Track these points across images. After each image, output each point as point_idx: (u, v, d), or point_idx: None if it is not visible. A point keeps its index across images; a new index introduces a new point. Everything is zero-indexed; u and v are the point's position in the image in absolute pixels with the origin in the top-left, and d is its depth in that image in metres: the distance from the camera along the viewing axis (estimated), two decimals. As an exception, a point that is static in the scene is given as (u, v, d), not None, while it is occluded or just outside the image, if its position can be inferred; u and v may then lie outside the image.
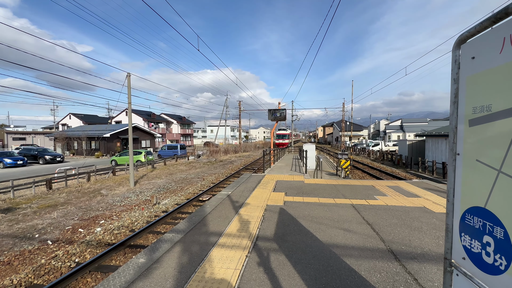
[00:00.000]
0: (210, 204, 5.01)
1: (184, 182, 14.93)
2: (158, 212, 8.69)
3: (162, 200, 10.59)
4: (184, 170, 20.58)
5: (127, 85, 14.06)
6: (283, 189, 6.40)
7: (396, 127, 58.81)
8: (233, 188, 6.60)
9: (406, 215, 4.24)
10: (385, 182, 7.38)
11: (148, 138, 41.44)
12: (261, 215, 4.25)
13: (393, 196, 5.59)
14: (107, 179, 15.71)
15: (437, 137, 18.81)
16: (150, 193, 11.84)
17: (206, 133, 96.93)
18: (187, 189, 12.71)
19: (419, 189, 6.42)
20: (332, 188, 6.58)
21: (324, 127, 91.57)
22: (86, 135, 32.74)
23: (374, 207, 4.76)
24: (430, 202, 5.10)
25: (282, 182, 7.39)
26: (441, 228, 3.62)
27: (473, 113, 1.32)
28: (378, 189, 6.37)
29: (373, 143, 39.00)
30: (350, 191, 6.20)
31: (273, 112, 14.87)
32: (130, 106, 14.07)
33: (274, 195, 5.72)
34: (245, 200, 5.31)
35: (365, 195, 5.72)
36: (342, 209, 4.61)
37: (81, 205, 9.88)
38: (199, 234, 3.45)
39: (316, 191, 6.22)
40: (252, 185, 6.97)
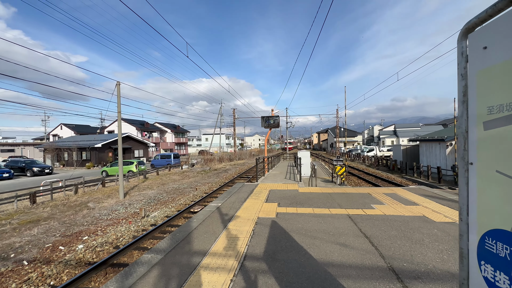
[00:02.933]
0: (197, 218, 4.67)
1: (176, 192, 14.48)
2: (146, 225, 8.27)
3: (151, 212, 10.15)
4: (177, 179, 20.10)
5: (117, 94, 13.75)
6: (276, 199, 6.10)
7: (389, 132, 59.37)
8: (223, 199, 6.27)
9: (406, 226, 3.99)
10: (382, 189, 7.14)
11: (141, 148, 40.78)
12: (251, 230, 3.94)
13: (390, 205, 5.34)
14: (96, 191, 15.15)
15: (431, 142, 18.84)
16: (139, 205, 11.38)
17: (201, 142, 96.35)
18: (179, 200, 12.28)
19: (417, 196, 6.19)
20: (327, 197, 6.31)
21: (319, 134, 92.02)
22: (77, 146, 32.01)
23: (371, 217, 4.50)
24: (429, 210, 4.87)
25: (275, 192, 7.09)
26: (443, 241, 3.37)
27: (489, 113, 1.08)
28: (375, 197, 6.12)
29: (368, 148, 39.12)
30: (345, 199, 5.93)
31: (267, 119, 14.69)
32: (120, 115, 13.72)
33: (266, 206, 5.42)
34: (236, 212, 4.99)
35: (362, 204, 5.46)
36: (338, 221, 4.33)
37: (65, 219, 9.38)
38: (181, 254, 3.12)
39: (311, 200, 5.94)
40: (244, 196, 6.65)
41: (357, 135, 69.93)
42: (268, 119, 15.05)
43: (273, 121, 15.06)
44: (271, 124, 14.96)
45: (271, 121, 15.09)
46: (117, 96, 13.77)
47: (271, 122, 15.11)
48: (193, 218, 4.66)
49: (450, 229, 3.82)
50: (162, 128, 56.67)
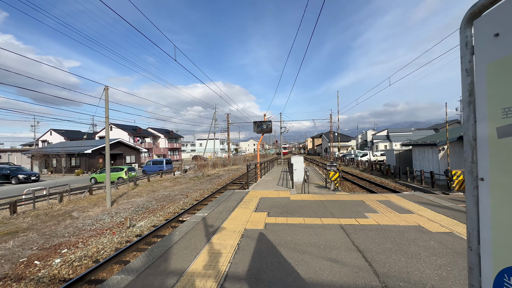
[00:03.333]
0: (180, 230, 4.35)
1: (166, 200, 14.04)
2: (131, 236, 7.86)
3: (138, 221, 9.71)
4: (168, 186, 19.61)
5: (105, 98, 13.37)
6: (266, 208, 5.82)
7: (382, 137, 59.92)
8: (211, 208, 5.95)
9: (401, 237, 3.75)
10: (375, 196, 6.94)
11: (133, 153, 40.03)
12: (236, 244, 3.64)
13: (384, 213, 5.12)
14: (82, 199, 14.58)
15: (423, 146, 18.89)
16: (126, 214, 10.92)
17: (195, 147, 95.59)
18: (168, 208, 11.86)
19: (411, 203, 6.00)
20: (319, 205, 6.06)
21: (313, 139, 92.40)
22: (66, 152, 31.18)
23: (364, 227, 4.26)
24: (424, 219, 4.66)
25: (266, 200, 6.81)
26: (441, 254, 3.14)
27: (504, 117, 0.84)
28: (368, 205, 5.90)
29: (361, 153, 39.26)
30: (338, 208, 5.69)
31: (259, 125, 14.46)
32: (108, 120, 13.33)
33: (255, 216, 5.13)
34: (222, 223, 4.69)
35: (355, 213, 5.22)
36: (329, 232, 4.07)
37: (46, 230, 8.88)
38: (155, 274, 2.80)
39: (302, 209, 5.67)
40: (232, 204, 6.34)
41: (351, 140, 70.40)
42: (260, 124, 14.82)
43: (265, 126, 14.83)
44: (263, 129, 14.72)
45: (263, 126, 14.86)
46: (105, 100, 13.39)
47: (263, 127, 14.87)
48: (176, 230, 4.33)
49: (447, 240, 3.60)
50: (155, 133, 55.94)
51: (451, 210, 5.26)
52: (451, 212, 5.13)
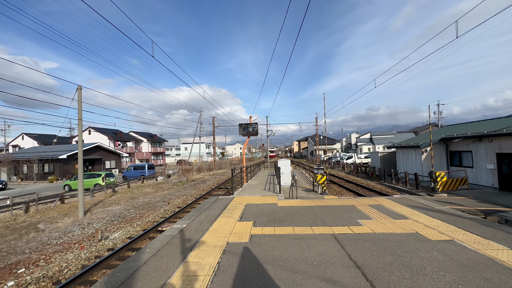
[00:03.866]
0: (152, 246, 3.74)
1: (146, 207, 13.16)
2: (102, 251, 7.06)
3: (112, 233, 8.87)
4: (150, 192, 18.60)
5: (78, 99, 12.39)
6: (251, 217, 5.31)
7: (366, 140, 61.32)
8: (191, 218, 5.36)
9: (401, 248, 3.38)
10: (366, 200, 6.63)
11: (113, 158, 38.15)
12: (216, 263, 3.11)
13: (378, 219, 4.78)
14: (52, 209, 13.36)
15: (407, 148, 19.19)
16: (100, 225, 10.00)
17: (180, 151, 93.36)
18: (147, 216, 11.04)
19: (403, 207, 5.73)
20: (308, 211, 5.64)
21: (299, 142, 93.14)
22: (38, 157, 29.08)
23: (360, 237, 3.87)
24: (421, 225, 4.35)
25: (251, 207, 6.30)
26: (448, 268, 2.78)
27: None
28: (360, 210, 5.56)
29: (347, 156, 39.75)
30: (329, 214, 5.30)
31: (245, 127, 13.95)
32: (81, 122, 12.33)
33: (239, 227, 4.61)
34: (201, 236, 4.13)
35: (347, 220, 4.84)
36: (322, 244, 3.64)
37: (3, 246, 7.86)
38: (111, 310, 2.22)
39: (291, 216, 5.22)
40: (215, 213, 5.78)
41: (336, 143, 71.52)
42: (246, 126, 14.30)
43: (252, 129, 14.33)
44: (250, 132, 14.22)
45: (249, 129, 14.35)
46: (78, 101, 12.41)
47: (249, 130, 14.37)
48: (146, 247, 3.72)
49: (450, 250, 3.28)
50: (137, 137, 53.91)
51: (445, 215, 5.02)
52: (446, 216, 4.88)
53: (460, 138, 15.16)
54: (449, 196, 12.73)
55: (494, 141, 13.26)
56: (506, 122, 14.38)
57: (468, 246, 3.35)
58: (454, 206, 10.57)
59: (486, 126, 15.28)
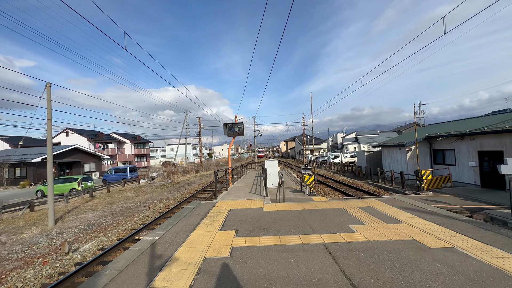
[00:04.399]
0: (113, 267, 3.16)
1: (125, 213, 12.31)
2: (68, 266, 6.32)
3: (83, 244, 8.06)
4: (131, 197, 17.62)
5: (47, 97, 11.38)
6: (234, 225, 4.82)
7: (351, 139, 62.38)
8: (166, 228, 4.79)
9: (399, 259, 3.02)
10: (356, 203, 6.31)
11: (93, 161, 36.35)
12: (188, 286, 2.60)
13: (371, 224, 4.43)
14: (19, 218, 12.22)
15: (392, 147, 19.36)
16: (71, 234, 9.14)
17: (165, 153, 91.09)
18: (125, 223, 10.25)
19: (395, 209, 5.44)
20: (296, 216, 5.22)
21: (287, 142, 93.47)
22: (9, 161, 27.06)
23: (353, 246, 3.48)
24: (416, 230, 4.04)
25: (235, 213, 5.80)
26: (456, 284, 2.43)
27: None
28: (351, 214, 5.21)
29: (333, 155, 40.06)
30: (318, 219, 4.90)
31: (230, 127, 13.39)
32: (50, 123, 11.33)
33: (220, 237, 4.10)
34: (175, 251, 3.59)
35: (338, 225, 4.46)
36: (312, 256, 3.21)
37: (-49, 265, 6.89)
38: None
39: (278, 223, 4.78)
40: (194, 221, 5.23)
41: (323, 143, 72.31)
42: (232, 126, 13.74)
43: (237, 129, 13.78)
44: (235, 132, 13.67)
45: (235, 128, 13.80)
46: (47, 100, 11.40)
47: (235, 130, 13.81)
48: (107, 267, 3.14)
49: (453, 260, 2.95)
50: (119, 138, 51.84)
51: (440, 217, 4.76)
52: (440, 219, 4.61)
53: (444, 136, 15.39)
54: (435, 194, 12.81)
55: (476, 139, 13.51)
56: (487, 120, 14.74)
57: (471, 255, 3.04)
58: (441, 204, 10.56)
59: (468, 124, 15.63)
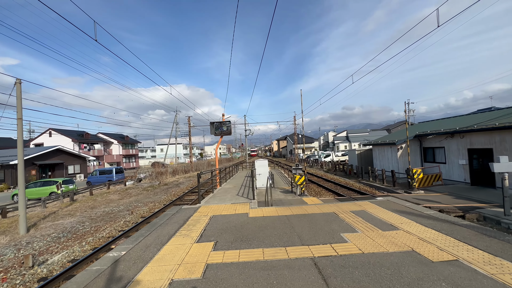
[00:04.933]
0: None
1: (105, 218, 11.57)
2: (30, 282, 5.65)
3: (54, 254, 7.36)
4: (115, 200, 16.80)
5: (17, 95, 10.52)
6: (214, 234, 4.30)
7: (342, 138, 62.73)
8: (137, 240, 4.23)
9: (400, 278, 2.59)
10: (348, 206, 5.90)
11: (78, 162, 34.94)
12: (142, 325, 2.08)
13: (365, 232, 4.01)
14: (-13, 226, 11.29)
15: (383, 146, 19.24)
16: (42, 244, 8.39)
17: (155, 153, 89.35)
18: (103, 230, 9.56)
19: (389, 213, 5.06)
20: (284, 223, 4.75)
21: (279, 141, 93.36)
22: (-16, 164, 25.57)
23: (346, 261, 3.03)
24: (415, 238, 3.64)
25: (217, 220, 5.28)
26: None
27: None
28: (343, 219, 4.78)
29: (325, 154, 39.98)
30: (308, 226, 4.45)
31: (218, 126, 12.80)
32: (21, 122, 10.47)
33: (195, 251, 3.58)
34: (139, 271, 3.04)
35: (329, 234, 4.02)
36: (298, 276, 2.74)
37: None
38: None
39: (263, 232, 4.30)
40: (170, 230, 4.68)
41: (314, 141, 72.52)
42: (220, 125, 13.15)
43: (226, 128, 13.21)
44: (223, 131, 13.09)
45: (223, 128, 13.22)
46: (17, 97, 10.53)
47: (223, 129, 13.23)
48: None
49: (461, 278, 2.54)
50: (106, 139, 50.23)
51: (438, 222, 4.39)
52: (439, 224, 4.24)
53: (434, 134, 15.30)
54: (426, 193, 12.65)
55: (466, 137, 13.44)
56: (476, 118, 14.73)
57: (480, 270, 2.65)
58: (433, 204, 10.35)
59: (458, 122, 15.60)
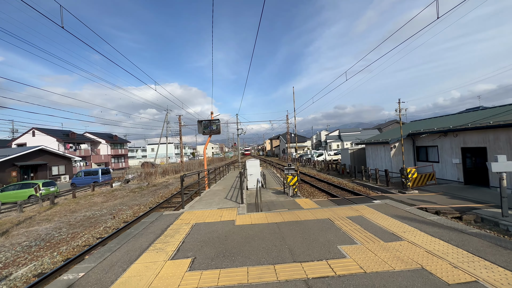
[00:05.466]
0: None
1: (85, 224, 10.81)
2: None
3: (20, 267, 6.63)
4: (98, 203, 15.94)
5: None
6: (194, 248, 3.74)
7: (335, 137, 62.86)
8: (103, 256, 3.62)
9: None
10: (344, 211, 5.42)
11: (63, 163, 33.55)
12: None
13: (365, 243, 3.53)
14: (-48, 234, 10.35)
15: (376, 144, 19.02)
16: (10, 254, 7.63)
17: (146, 153, 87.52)
18: (81, 237, 8.83)
19: (390, 219, 4.61)
20: (274, 232, 4.23)
21: (271, 140, 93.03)
22: (-41, 165, 24.10)
23: (346, 283, 2.53)
24: (422, 251, 3.18)
25: (200, 228, 4.71)
26: None
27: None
28: (339, 227, 4.30)
29: (317, 153, 39.80)
30: (300, 237, 3.95)
31: (207, 125, 12.16)
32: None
33: (167, 271, 3.02)
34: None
35: (324, 247, 3.52)
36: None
37: None
38: None
39: (249, 244, 3.76)
40: (144, 243, 4.09)
41: (307, 140, 72.48)
42: (209, 124, 12.50)
43: (215, 127, 12.57)
44: (213, 130, 12.46)
45: (213, 126, 12.58)
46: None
47: (213, 128, 12.60)
48: None
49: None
50: (94, 138, 48.63)
51: (444, 230, 3.95)
52: (446, 233, 3.80)
53: (427, 133, 15.10)
54: (420, 192, 12.39)
55: (459, 135, 13.26)
56: (470, 116, 14.59)
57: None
58: (429, 204, 10.05)
59: (451, 121, 15.46)
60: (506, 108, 13.16)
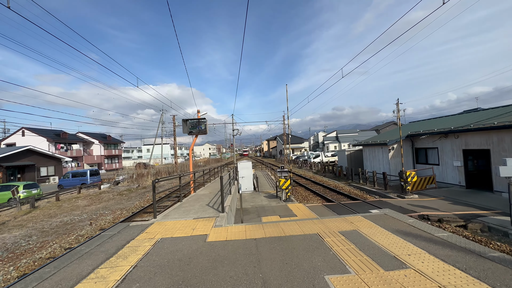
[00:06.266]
0: None
1: (59, 231, 9.97)
2: None
3: (-32, 285, 5.76)
4: (81, 206, 15.07)
5: None
6: (144, 277, 2.96)
7: (332, 138, 62.27)
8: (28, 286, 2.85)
9: None
10: (336, 223, 4.66)
11: (52, 164, 32.55)
12: None
13: (360, 272, 2.78)
14: None
15: (374, 146, 18.33)
16: (-38, 268, 6.74)
17: (142, 153, 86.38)
18: (49, 247, 8.01)
19: (390, 235, 3.86)
20: (249, 253, 3.46)
21: (269, 141, 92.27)
22: None
23: None
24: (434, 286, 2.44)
25: (164, 245, 3.93)
26: None
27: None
28: (330, 247, 3.54)
29: (314, 154, 39.11)
30: (280, 260, 3.18)
31: (194, 124, 11.34)
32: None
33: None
34: None
35: (307, 276, 2.76)
36: None
37: None
38: None
39: (215, 271, 2.99)
40: (87, 267, 3.30)
41: (304, 142, 71.82)
42: (197, 123, 11.67)
43: (204, 127, 11.74)
44: (200, 130, 11.63)
45: (202, 126, 11.76)
46: None
47: (202, 127, 11.76)
48: None
49: None
50: (87, 138, 47.59)
51: (458, 252, 3.20)
52: (461, 257, 3.05)
53: (427, 134, 14.42)
54: (420, 197, 11.68)
55: (461, 137, 12.58)
56: (471, 117, 13.93)
57: None
58: (430, 211, 9.31)
59: (451, 122, 14.79)
60: (509, 108, 12.52)
